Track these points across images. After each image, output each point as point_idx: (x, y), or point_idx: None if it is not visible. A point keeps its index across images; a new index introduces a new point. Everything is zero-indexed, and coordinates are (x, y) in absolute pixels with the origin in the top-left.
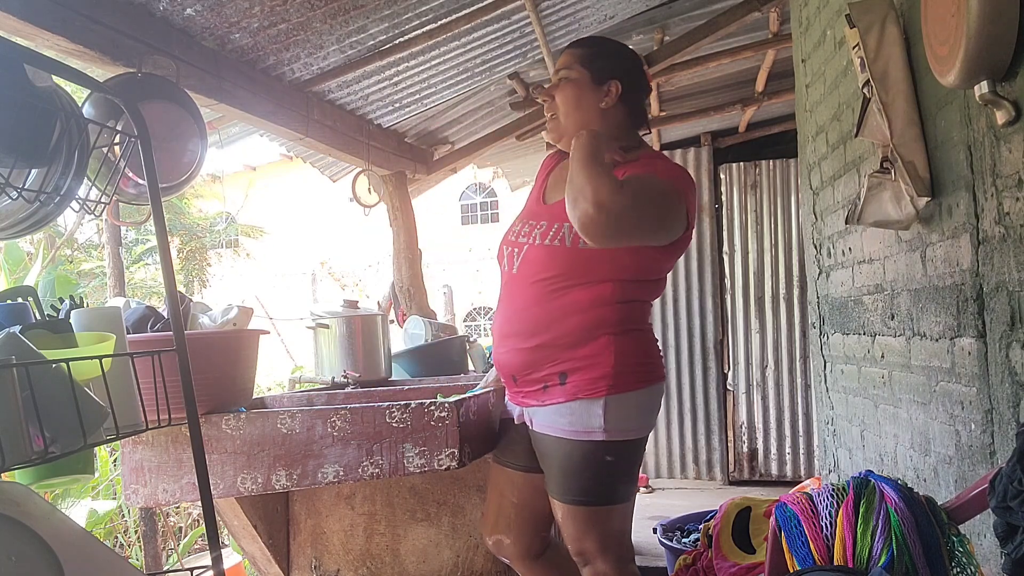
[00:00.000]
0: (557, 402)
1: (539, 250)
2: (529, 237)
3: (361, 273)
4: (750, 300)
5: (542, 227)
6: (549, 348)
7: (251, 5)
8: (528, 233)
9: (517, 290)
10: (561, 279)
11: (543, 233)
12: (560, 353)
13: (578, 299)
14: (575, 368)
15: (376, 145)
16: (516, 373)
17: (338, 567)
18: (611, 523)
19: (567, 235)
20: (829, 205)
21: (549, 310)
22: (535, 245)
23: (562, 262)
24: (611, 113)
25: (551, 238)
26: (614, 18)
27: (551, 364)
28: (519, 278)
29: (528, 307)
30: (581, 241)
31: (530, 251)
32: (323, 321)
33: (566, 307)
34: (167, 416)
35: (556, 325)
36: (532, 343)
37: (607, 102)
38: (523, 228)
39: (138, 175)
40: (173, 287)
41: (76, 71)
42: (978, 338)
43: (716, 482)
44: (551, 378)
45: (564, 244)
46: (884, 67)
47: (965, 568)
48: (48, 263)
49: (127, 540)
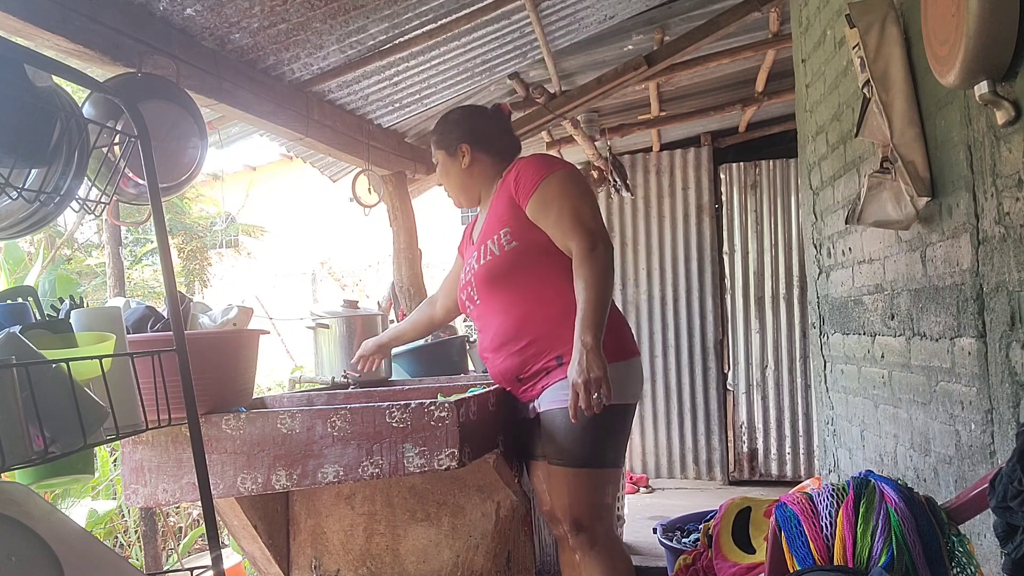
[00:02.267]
0: (560, 379)
1: (481, 272)
2: (469, 273)
3: (361, 273)
4: (750, 300)
5: (475, 256)
6: (537, 342)
7: (251, 5)
8: (469, 271)
9: (488, 314)
10: (510, 283)
11: (477, 258)
12: (548, 343)
13: (538, 293)
14: (567, 350)
15: (376, 145)
16: (518, 373)
17: (338, 567)
18: (604, 488)
19: (493, 246)
20: (829, 205)
21: (523, 311)
22: (477, 270)
23: (501, 269)
24: (475, 166)
25: (483, 257)
26: (614, 18)
27: (544, 355)
28: (483, 306)
29: (505, 319)
30: (506, 245)
31: (476, 277)
32: (323, 321)
33: (534, 302)
34: (167, 416)
35: (536, 322)
36: (518, 346)
37: (466, 162)
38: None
39: (138, 175)
40: (173, 287)
41: (76, 71)
42: (978, 338)
43: (716, 482)
44: (549, 364)
45: (494, 254)
46: (884, 67)
47: (965, 568)
48: (48, 263)
49: (127, 540)
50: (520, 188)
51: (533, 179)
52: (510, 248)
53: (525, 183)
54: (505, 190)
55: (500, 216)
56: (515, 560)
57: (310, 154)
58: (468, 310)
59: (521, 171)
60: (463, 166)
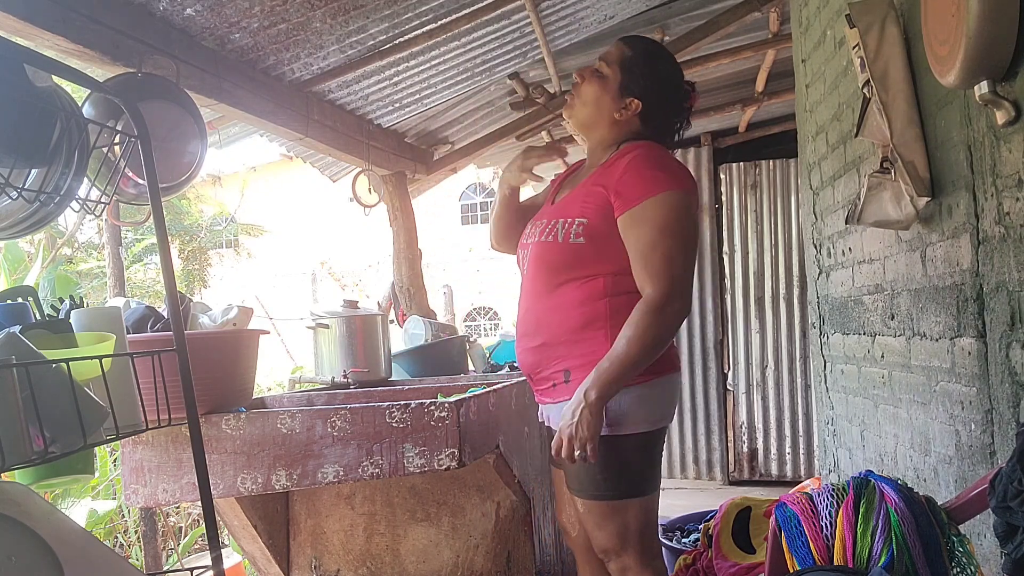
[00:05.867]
0: (564, 399)
1: (538, 247)
2: (532, 236)
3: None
4: (750, 300)
5: (542, 224)
6: (551, 346)
7: (251, 5)
8: (532, 233)
9: (526, 289)
10: (555, 275)
11: (541, 231)
12: (561, 351)
13: (572, 295)
14: (576, 365)
15: (376, 145)
16: (530, 372)
17: (338, 567)
18: (628, 517)
19: (560, 231)
20: (829, 205)
21: (546, 308)
22: (536, 243)
23: (554, 258)
24: (623, 125)
25: (547, 235)
26: (614, 18)
27: (556, 362)
28: (528, 277)
29: (531, 306)
30: (572, 236)
31: (533, 249)
32: (323, 321)
33: (560, 304)
34: (167, 416)
35: (553, 323)
36: (536, 342)
37: (622, 115)
38: (531, 229)
39: (138, 175)
40: (173, 287)
41: (76, 71)
42: (978, 338)
43: (716, 482)
44: (557, 376)
45: (556, 240)
46: (884, 67)
47: (965, 568)
48: (48, 263)
49: (127, 540)
50: (622, 193)
51: (639, 192)
52: (574, 242)
53: (630, 191)
54: (607, 177)
55: (585, 202)
56: (515, 560)
57: (310, 154)
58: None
59: (631, 174)
60: (615, 113)
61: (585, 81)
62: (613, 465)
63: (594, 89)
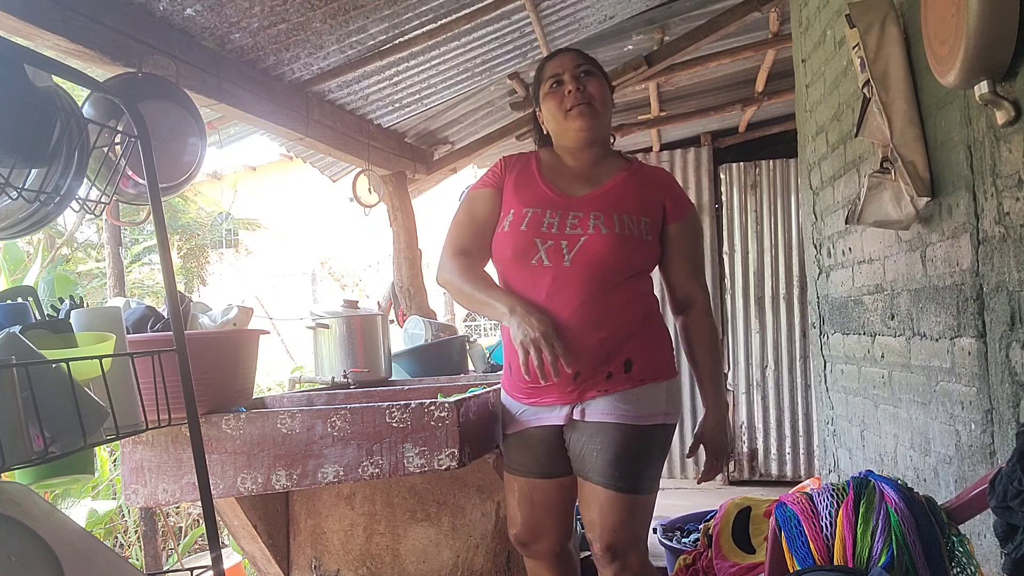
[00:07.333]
0: (623, 389)
1: (605, 239)
2: (584, 228)
3: (361, 273)
4: (750, 300)
5: (599, 218)
6: (614, 339)
7: (251, 5)
8: (581, 224)
9: (574, 283)
10: (626, 268)
11: (606, 222)
12: (623, 343)
13: (638, 288)
14: (637, 355)
15: (376, 145)
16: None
17: (338, 567)
18: (646, 514)
19: (632, 225)
20: (829, 205)
21: (612, 301)
22: (601, 234)
23: (630, 251)
24: None
25: (618, 225)
26: (614, 18)
27: (616, 354)
28: (574, 270)
29: (592, 299)
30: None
31: (591, 241)
32: (323, 321)
33: (631, 297)
34: (167, 416)
35: (622, 316)
36: (600, 335)
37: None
38: (568, 220)
39: (138, 175)
40: (173, 287)
41: (76, 71)
42: (978, 338)
43: (716, 482)
44: (616, 368)
45: (633, 233)
46: (884, 67)
47: (965, 568)
48: (48, 263)
49: (127, 540)
50: (677, 205)
51: (687, 205)
52: (646, 239)
53: (682, 204)
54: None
55: (642, 205)
56: (515, 560)
57: (310, 154)
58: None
59: (676, 189)
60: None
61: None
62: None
63: (604, 90)
